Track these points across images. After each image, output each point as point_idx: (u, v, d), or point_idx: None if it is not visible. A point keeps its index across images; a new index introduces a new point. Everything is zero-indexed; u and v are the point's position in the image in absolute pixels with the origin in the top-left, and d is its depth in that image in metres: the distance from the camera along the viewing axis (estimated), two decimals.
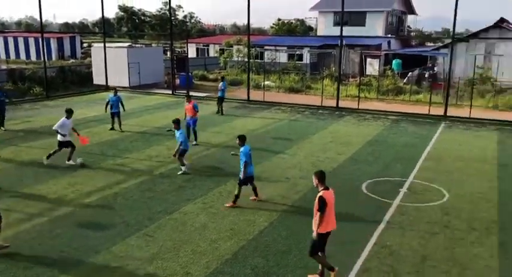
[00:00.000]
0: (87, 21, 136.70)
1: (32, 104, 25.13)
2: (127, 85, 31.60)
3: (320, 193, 7.39)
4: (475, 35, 35.53)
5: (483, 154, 15.77)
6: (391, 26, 48.33)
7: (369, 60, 36.92)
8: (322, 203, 7.26)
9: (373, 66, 36.22)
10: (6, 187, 11.74)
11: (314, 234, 7.40)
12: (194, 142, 16.35)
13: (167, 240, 8.96)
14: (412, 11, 54.03)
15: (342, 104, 25.15)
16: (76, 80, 32.75)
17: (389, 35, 45.72)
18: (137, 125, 19.67)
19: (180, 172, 13.08)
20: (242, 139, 10.78)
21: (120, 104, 18.37)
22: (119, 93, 18.88)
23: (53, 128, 13.76)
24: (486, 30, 34.79)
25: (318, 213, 7.32)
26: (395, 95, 29.05)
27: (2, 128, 18.42)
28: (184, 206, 10.69)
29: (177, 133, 13.08)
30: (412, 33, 62.50)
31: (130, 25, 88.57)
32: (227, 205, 10.70)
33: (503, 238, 9.22)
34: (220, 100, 22.83)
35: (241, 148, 10.59)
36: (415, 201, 11.26)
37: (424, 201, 11.23)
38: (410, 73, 33.86)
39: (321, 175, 7.57)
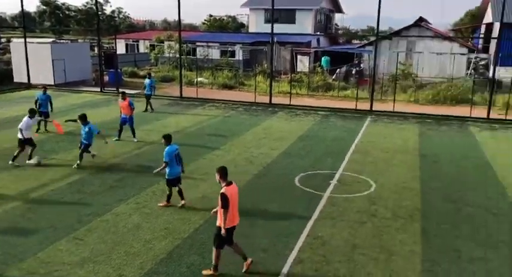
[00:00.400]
0: (5, 14, 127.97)
1: None
2: (51, 82, 29.97)
3: (222, 190, 7.36)
4: (397, 33, 37.56)
5: (406, 145, 16.74)
6: (319, 23, 49.76)
7: (299, 57, 37.83)
8: (225, 200, 7.23)
9: (303, 63, 37.17)
10: None
11: (223, 231, 7.40)
12: (135, 140, 16.26)
13: (99, 242, 8.66)
14: (339, 10, 56.02)
15: (274, 100, 25.57)
16: None
17: (318, 33, 47.09)
18: (63, 125, 18.72)
19: (74, 165, 13.15)
20: (167, 139, 10.34)
21: (49, 103, 17.46)
22: (48, 92, 17.91)
23: (19, 126, 13.41)
24: (407, 28, 36.90)
25: (222, 210, 7.31)
26: (325, 91, 30.00)
27: None
28: (116, 207, 10.38)
29: (84, 128, 13.15)
30: (339, 31, 64.77)
31: (53, 20, 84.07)
32: (160, 204, 10.53)
33: (425, 225, 9.87)
34: (148, 97, 22.51)
35: (166, 148, 10.22)
36: (344, 192, 11.74)
37: (353, 192, 11.74)
38: (338, 70, 35.12)
39: (222, 171, 7.53)
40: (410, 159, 14.97)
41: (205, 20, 69.16)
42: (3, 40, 70.74)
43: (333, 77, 34.11)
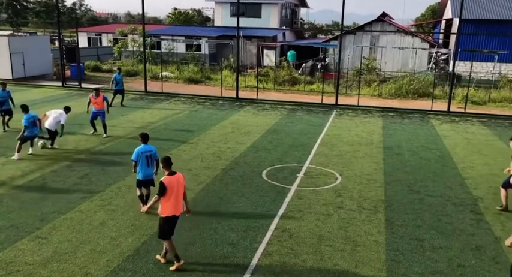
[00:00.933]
0: None
1: None
2: (10, 77, 28.93)
3: (161, 179, 7.64)
4: (361, 28, 38.20)
5: (370, 138, 17.10)
6: (285, 18, 49.96)
7: (265, 51, 37.92)
8: (161, 187, 7.53)
9: (269, 57, 37.29)
10: None
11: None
12: (105, 135, 16.08)
13: (63, 241, 8.45)
14: (304, 4, 56.40)
15: (241, 94, 25.56)
16: None
17: (284, 27, 47.28)
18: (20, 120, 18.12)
19: (13, 157, 13.18)
20: (143, 137, 9.83)
21: (9, 99, 16.73)
22: (8, 87, 17.18)
23: (62, 122, 14.01)
24: (370, 23, 37.57)
25: (157, 196, 7.63)
26: (291, 85, 30.22)
27: None
28: (80, 204, 10.15)
29: (24, 117, 13.28)
30: (305, 26, 65.27)
31: (11, 11, 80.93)
32: (143, 210, 9.65)
33: (389, 215, 10.13)
34: (116, 92, 22.03)
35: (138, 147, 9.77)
36: (311, 185, 11.90)
37: (319, 185, 11.91)
38: (304, 64, 35.43)
39: (165, 161, 7.80)
40: (374, 151, 15.31)
41: (170, 13, 68.26)
42: None
43: (299, 71, 34.39)
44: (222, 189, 11.41)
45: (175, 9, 67.38)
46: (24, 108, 13.60)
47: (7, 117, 16.64)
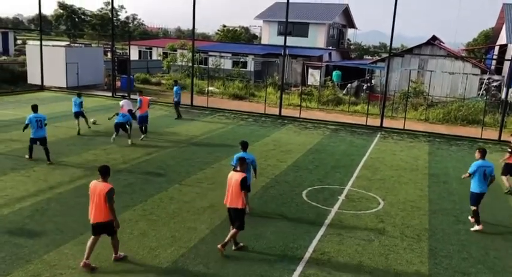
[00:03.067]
0: (22, 17, 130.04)
1: None
2: (64, 85, 30.31)
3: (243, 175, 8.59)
4: (410, 51, 37.59)
5: (415, 164, 16.63)
6: (332, 38, 49.96)
7: (310, 70, 37.94)
8: (247, 184, 8.71)
9: (314, 77, 37.26)
10: None
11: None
12: (142, 136, 17.68)
13: (104, 248, 8.61)
14: (352, 25, 56.22)
15: (284, 112, 25.60)
16: (8, 78, 30.94)
17: (331, 47, 47.24)
18: (73, 128, 18.89)
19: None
20: (243, 145, 10.86)
21: (80, 105, 18.48)
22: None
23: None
24: (419, 46, 36.90)
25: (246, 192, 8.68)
26: (335, 105, 29.99)
27: None
28: (123, 213, 10.37)
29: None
30: (351, 46, 64.97)
31: (69, 23, 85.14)
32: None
33: (433, 245, 9.75)
34: (176, 104, 23.05)
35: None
36: (352, 208, 11.66)
37: (360, 209, 11.65)
38: (349, 84, 35.14)
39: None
40: (419, 177, 14.86)
41: (218, 30, 69.73)
42: (19, 42, 71.74)
43: (344, 92, 34.13)
44: (261, 206, 11.37)
45: (224, 26, 68.78)
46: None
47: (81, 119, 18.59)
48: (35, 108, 14.13)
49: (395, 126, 23.87)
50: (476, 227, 10.66)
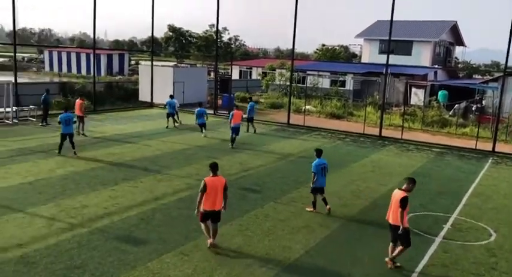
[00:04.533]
0: (136, 39, 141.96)
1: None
2: None
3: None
4: None
5: None
6: (438, 56, 47.56)
7: (414, 89, 36.31)
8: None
9: (418, 96, 35.59)
10: (50, 197, 12.09)
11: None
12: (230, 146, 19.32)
13: (203, 260, 8.89)
14: (460, 43, 53.07)
15: (384, 132, 24.70)
16: (122, 96, 33.77)
17: (436, 66, 44.93)
18: (178, 143, 19.98)
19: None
20: (318, 152, 12.58)
21: (205, 114, 22.17)
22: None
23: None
24: None
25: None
26: (440, 127, 28.27)
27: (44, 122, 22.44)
28: (220, 227, 10.61)
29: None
30: (459, 65, 61.18)
31: (177, 45, 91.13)
32: (308, 209, 12.02)
33: None
34: (249, 120, 23.95)
35: (314, 161, 12.19)
36: (459, 238, 10.76)
37: (469, 240, 10.71)
38: (457, 105, 32.96)
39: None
40: None
41: (317, 49, 69.95)
42: (132, 62, 78.35)
43: (450, 113, 32.09)
44: (359, 230, 10.96)
45: (323, 45, 68.86)
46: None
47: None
48: (66, 109, 17.13)
49: (509, 151, 21.79)
50: None
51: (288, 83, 36.18)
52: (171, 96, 25.60)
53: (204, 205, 9.28)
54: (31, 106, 24.32)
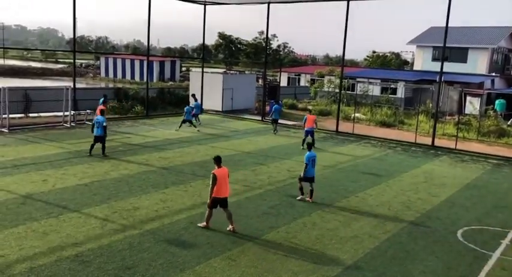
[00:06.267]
0: (187, 46, 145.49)
1: (133, 121, 26.92)
2: (220, 109, 32.78)
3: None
4: None
5: None
6: (495, 64, 45.52)
7: (469, 98, 34.88)
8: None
9: (473, 105, 34.14)
10: (104, 198, 12.55)
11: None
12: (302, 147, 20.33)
13: (249, 266, 8.91)
14: None
15: (437, 142, 23.87)
16: (173, 101, 34.60)
17: (494, 74, 42.98)
18: (226, 148, 20.21)
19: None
20: (309, 146, 13.67)
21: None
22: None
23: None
24: None
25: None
26: (498, 137, 26.95)
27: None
28: (268, 233, 10.62)
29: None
30: None
31: (227, 52, 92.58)
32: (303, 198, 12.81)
33: None
34: (273, 121, 25.34)
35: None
36: None
37: None
38: None
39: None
40: None
41: (367, 56, 68.88)
42: (183, 69, 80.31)
43: (509, 123, 30.58)
44: (410, 242, 10.62)
45: (374, 52, 67.73)
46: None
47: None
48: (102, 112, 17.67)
49: None
50: None
51: (336, 90, 35.77)
52: (195, 98, 27.45)
53: (216, 193, 10.38)
54: (88, 110, 25.41)
